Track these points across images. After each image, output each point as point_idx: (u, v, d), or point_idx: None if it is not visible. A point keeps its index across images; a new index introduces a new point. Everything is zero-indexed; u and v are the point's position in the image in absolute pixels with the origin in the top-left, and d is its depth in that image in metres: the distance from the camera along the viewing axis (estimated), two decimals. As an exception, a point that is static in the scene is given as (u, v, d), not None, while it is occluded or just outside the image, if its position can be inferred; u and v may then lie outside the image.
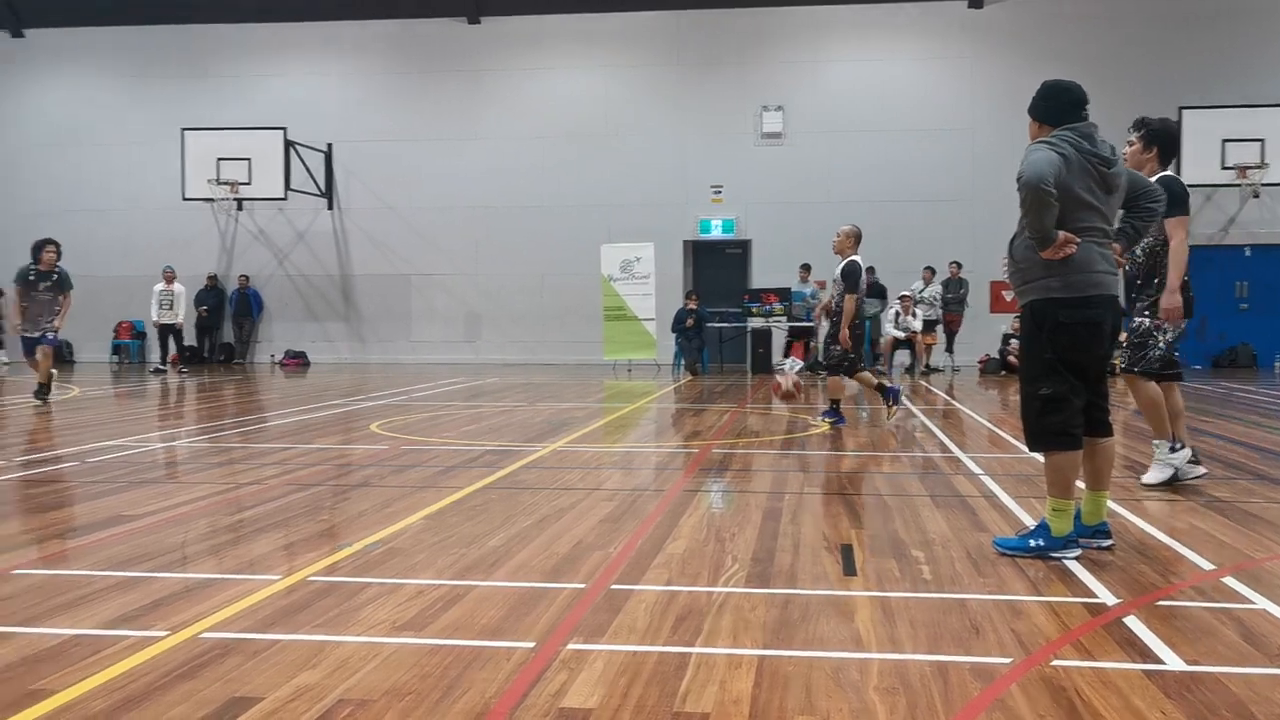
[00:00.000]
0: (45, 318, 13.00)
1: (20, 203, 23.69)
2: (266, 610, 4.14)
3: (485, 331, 23.28)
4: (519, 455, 8.55)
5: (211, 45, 23.61)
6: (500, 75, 23.11)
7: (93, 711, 3.10)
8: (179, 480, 7.65)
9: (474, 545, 5.27)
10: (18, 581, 4.59)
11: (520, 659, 3.58)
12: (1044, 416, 4.95)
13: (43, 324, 12.96)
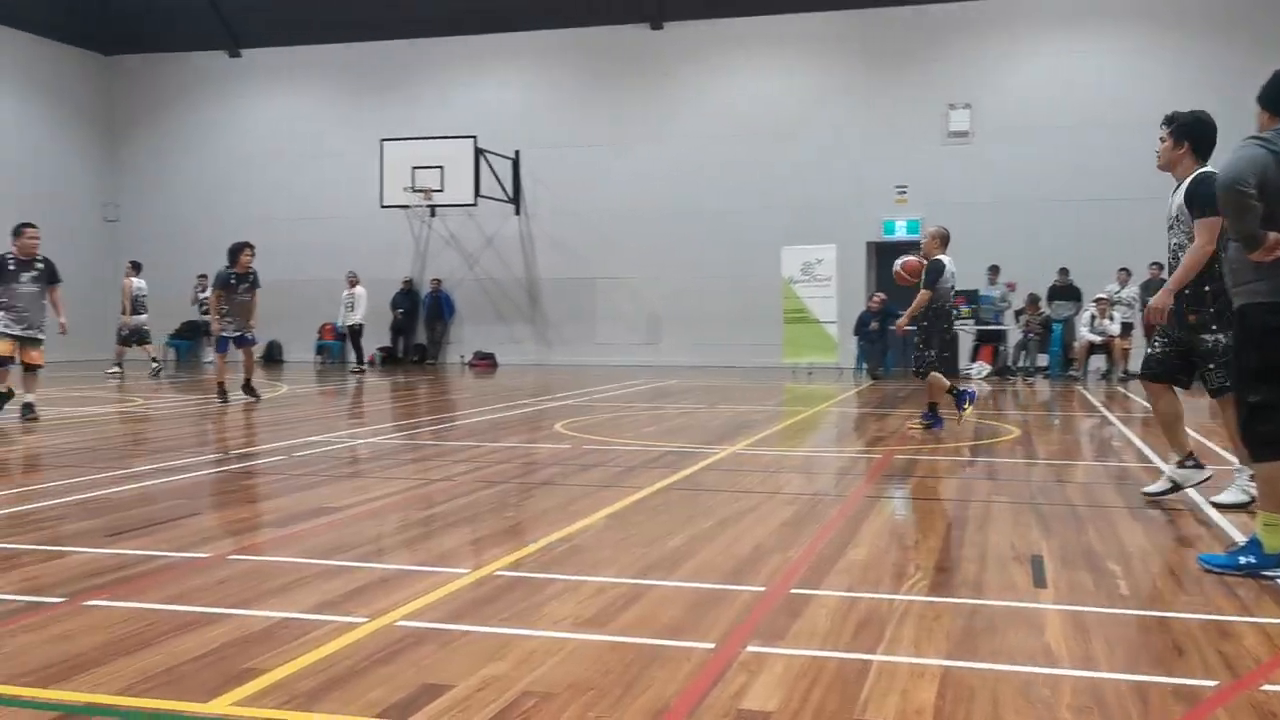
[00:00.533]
0: (245, 318, 13.65)
1: (235, 211, 25.26)
2: (456, 602, 4.30)
3: (667, 334, 23.47)
4: (699, 457, 8.59)
5: (409, 59, 24.63)
6: (682, 79, 23.28)
7: (299, 690, 3.29)
8: (376, 475, 8.02)
9: (654, 545, 5.34)
10: (233, 567, 4.91)
11: (700, 659, 3.61)
12: (1254, 425, 4.67)
13: (242, 324, 13.61)
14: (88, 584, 4.54)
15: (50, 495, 6.79)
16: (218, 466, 8.23)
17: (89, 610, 4.15)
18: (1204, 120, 6.33)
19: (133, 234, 26.32)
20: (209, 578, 4.69)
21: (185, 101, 26.06)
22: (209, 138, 25.88)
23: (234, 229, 24.97)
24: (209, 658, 3.58)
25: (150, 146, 26.41)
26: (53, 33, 24.77)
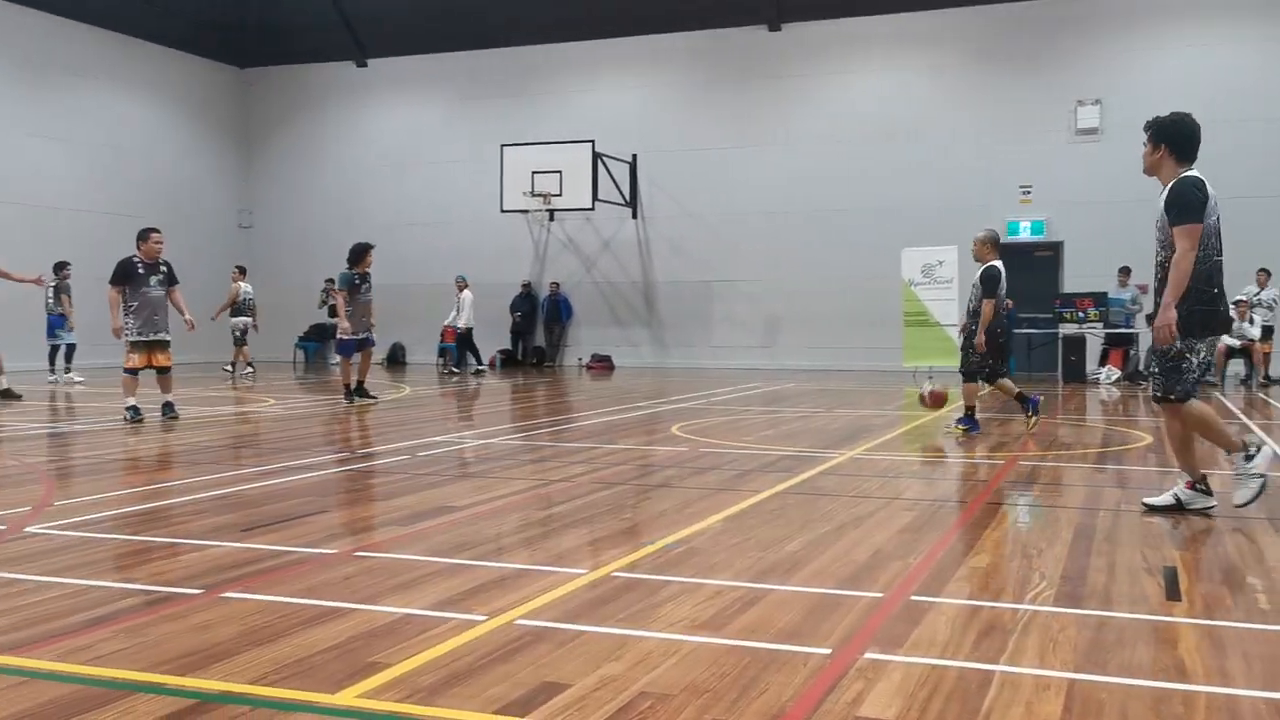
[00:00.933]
0: (367, 319, 13.90)
1: (363, 217, 25.97)
2: (574, 602, 4.35)
3: (784, 337, 23.32)
4: (816, 461, 8.52)
5: (529, 65, 24.99)
6: (801, 80, 23.12)
7: (421, 685, 3.37)
8: (496, 475, 8.15)
9: (771, 549, 5.31)
10: (359, 563, 5.05)
11: (816, 664, 3.58)
12: None
13: (365, 325, 13.86)
14: (223, 577, 4.73)
15: (189, 491, 7.08)
16: (344, 465, 8.47)
17: (225, 602, 4.32)
18: (1182, 122, 6.16)
19: (264, 240, 27.31)
20: (336, 573, 4.83)
21: (314, 111, 26.92)
22: (336, 146, 26.67)
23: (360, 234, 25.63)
24: (336, 650, 3.70)
25: (281, 155, 27.35)
26: (194, 48, 25.84)
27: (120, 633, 3.90)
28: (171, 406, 11.68)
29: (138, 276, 11.47)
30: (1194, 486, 6.26)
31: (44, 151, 22.17)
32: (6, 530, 5.76)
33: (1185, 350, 6.03)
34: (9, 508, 6.59)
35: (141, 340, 11.48)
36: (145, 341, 11.51)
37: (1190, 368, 6.05)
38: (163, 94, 25.22)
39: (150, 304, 11.52)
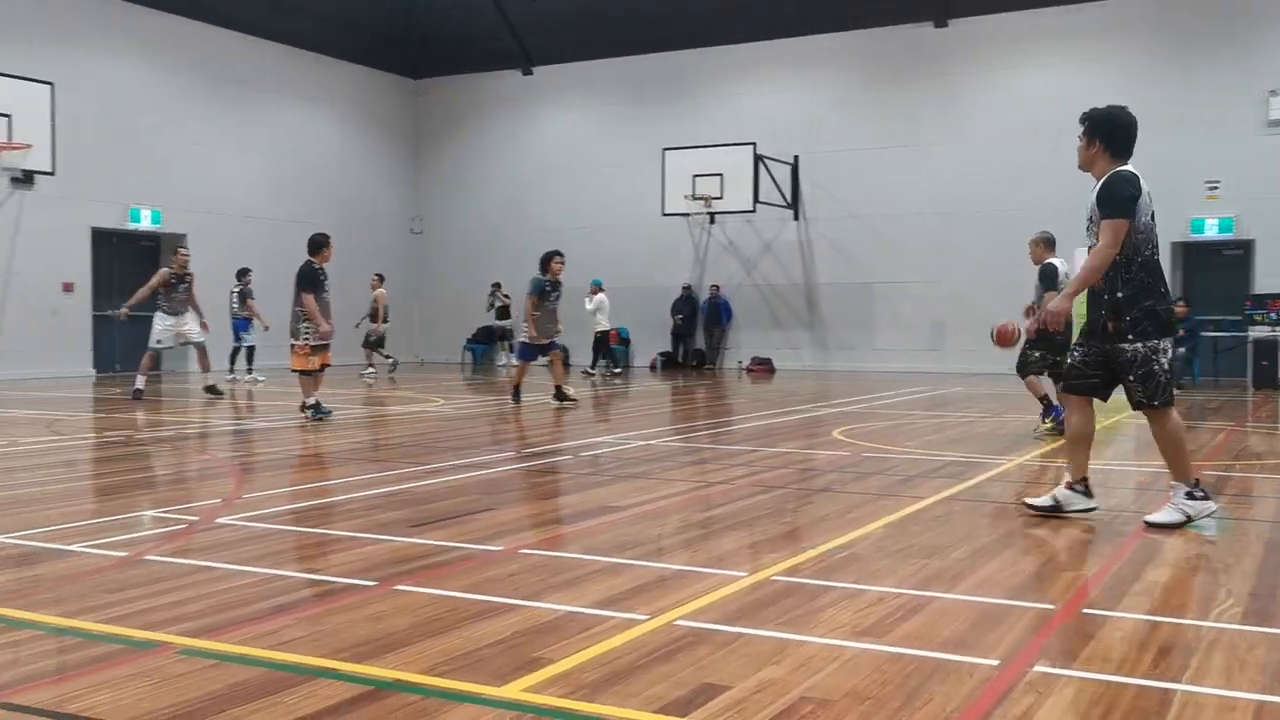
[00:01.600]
0: (555, 325, 14.01)
1: (526, 222, 26.60)
2: (734, 604, 4.35)
3: (950, 339, 22.76)
4: (984, 467, 8.29)
5: (690, 69, 25.11)
6: (967, 77, 22.54)
7: (584, 682, 3.43)
8: (657, 476, 8.22)
9: (936, 556, 5.20)
10: (524, 560, 5.17)
11: (983, 676, 3.49)
12: None
13: (552, 330, 13.95)
14: (396, 570, 4.91)
15: (363, 487, 7.38)
16: (508, 465, 8.68)
17: (398, 594, 4.48)
18: (1117, 116, 5.96)
19: (434, 246, 28.22)
20: (502, 569, 4.96)
21: (482, 119, 27.67)
22: (503, 153, 27.35)
23: (525, 240, 26.41)
24: (502, 645, 3.80)
25: (450, 163, 28.21)
26: (369, 60, 26.94)
27: (301, 620, 4.10)
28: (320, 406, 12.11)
29: (319, 282, 12.06)
30: (1073, 487, 6.15)
31: (235, 163, 23.45)
32: (200, 521, 6.12)
33: (1151, 355, 5.82)
34: (202, 500, 7.00)
35: (321, 344, 12.01)
36: (323, 345, 12.05)
37: (1162, 371, 5.83)
38: (341, 106, 26.35)
39: (326, 308, 12.09)
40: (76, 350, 20.45)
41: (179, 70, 22.37)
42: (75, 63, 19.98)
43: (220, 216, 22.92)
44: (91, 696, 3.27)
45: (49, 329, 19.84)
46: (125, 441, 10.25)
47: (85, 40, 20.52)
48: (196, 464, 9.13)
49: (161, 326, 15.05)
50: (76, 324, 20.46)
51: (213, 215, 22.79)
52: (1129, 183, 5.78)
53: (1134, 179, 5.80)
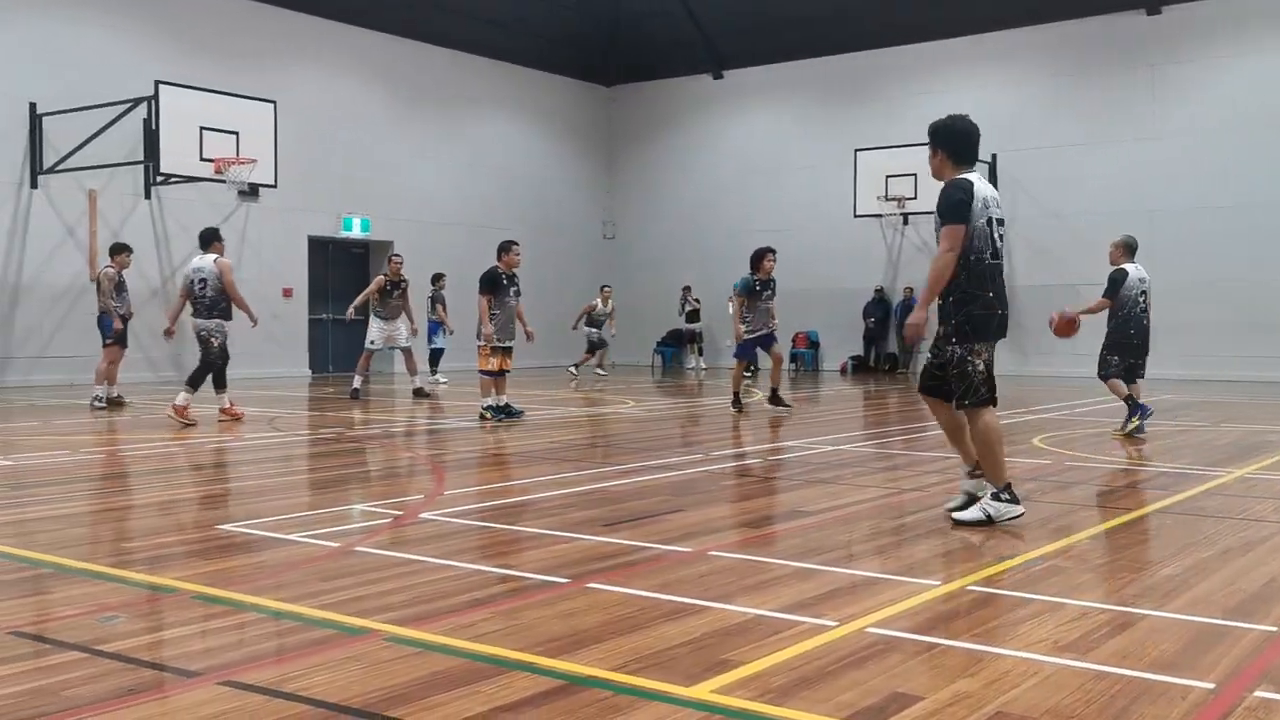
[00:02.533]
0: (771, 321, 13.50)
1: (717, 225, 26.68)
2: (927, 613, 4.26)
3: (1159, 345, 21.49)
4: (1198, 479, 7.84)
5: (883, 68, 24.67)
6: (1180, 68, 21.32)
7: (772, 685, 3.43)
8: (847, 482, 8.12)
9: (1145, 571, 4.95)
10: (714, 562, 5.20)
11: (1197, 699, 3.31)
12: None
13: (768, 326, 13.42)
14: (589, 568, 5.02)
15: (556, 486, 7.57)
16: (699, 467, 8.74)
17: (590, 592, 4.59)
18: (956, 125, 6.11)
19: (626, 250, 28.63)
20: (692, 570, 5.01)
21: (673, 124, 27.92)
22: (692, 156, 27.51)
23: (716, 242, 26.53)
24: (691, 645, 3.83)
25: (642, 168, 28.58)
26: (565, 70, 27.59)
27: (498, 614, 4.25)
28: (510, 407, 12.42)
29: (501, 286, 12.32)
30: (974, 474, 6.20)
31: (437, 172, 24.41)
32: (404, 516, 6.41)
33: (967, 355, 5.99)
34: (407, 496, 7.33)
35: (500, 346, 12.32)
36: (502, 347, 12.31)
37: (976, 372, 5.98)
38: (538, 115, 27.07)
39: (508, 312, 12.34)
40: (294, 352, 21.72)
41: (385, 85, 23.47)
42: (293, 81, 21.23)
43: (424, 224, 23.90)
44: (308, 678, 3.48)
45: (270, 332, 21.16)
46: (337, 438, 10.83)
47: (302, 60, 21.78)
48: (401, 461, 9.57)
49: (375, 329, 15.79)
50: (294, 327, 21.74)
51: (417, 223, 23.80)
52: (961, 189, 5.94)
53: (967, 185, 5.95)
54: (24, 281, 17.90)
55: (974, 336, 6.00)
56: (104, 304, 14.13)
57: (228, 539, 5.71)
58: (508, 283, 12.40)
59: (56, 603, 4.50)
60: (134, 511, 6.98)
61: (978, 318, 5.98)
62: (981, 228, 5.93)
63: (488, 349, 12.27)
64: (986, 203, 5.98)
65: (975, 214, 5.91)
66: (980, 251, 5.94)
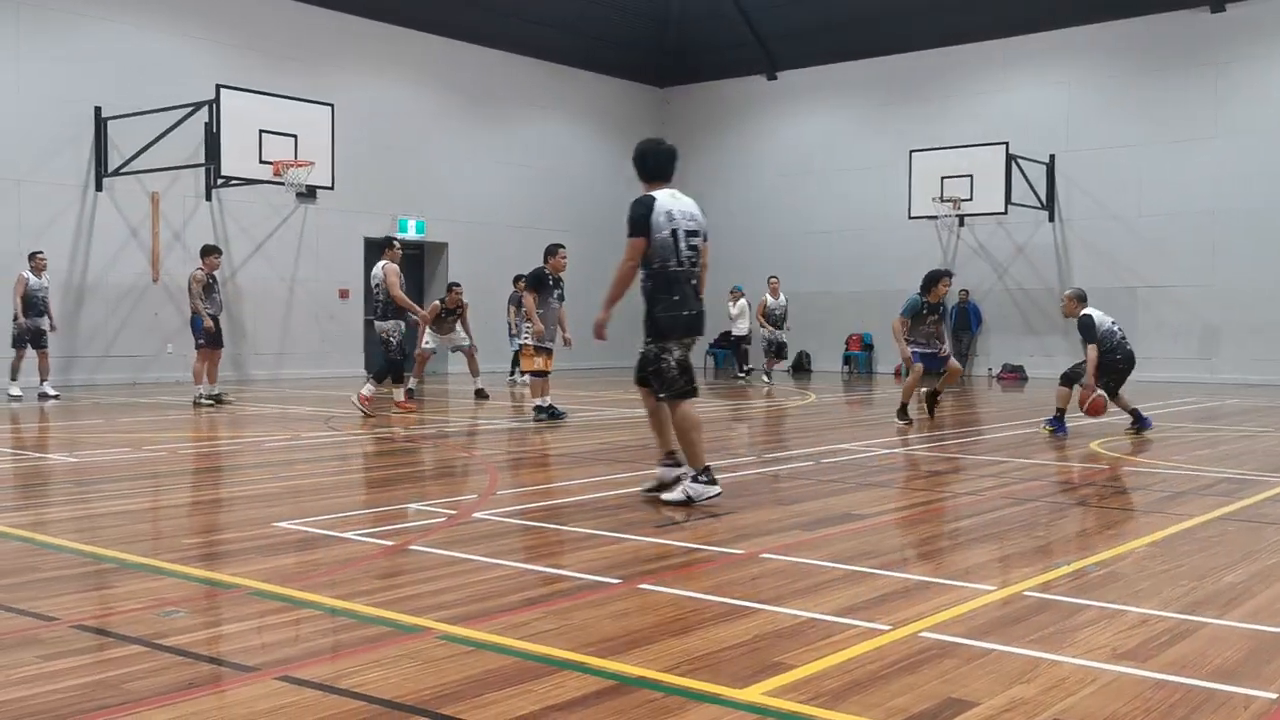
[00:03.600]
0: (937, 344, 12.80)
1: (770, 226, 26.60)
2: (982, 618, 4.21)
3: (1223, 347, 21.16)
4: (1263, 486, 7.67)
5: (938, 68, 24.43)
6: (1245, 65, 20.88)
7: (824, 689, 3.41)
8: (901, 485, 8.05)
9: (1207, 579, 4.86)
10: (765, 564, 5.19)
11: (1260, 709, 3.24)
12: None
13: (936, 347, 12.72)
14: (640, 569, 5.03)
15: (609, 487, 7.59)
16: (751, 469, 8.71)
17: (641, 593, 4.59)
18: (640, 148, 6.93)
19: (679, 251, 28.56)
20: (743, 573, 4.99)
21: (726, 125, 27.85)
22: (746, 158, 27.43)
23: (770, 245, 26.43)
24: (743, 647, 3.82)
25: (695, 169, 28.47)
26: (618, 72, 27.63)
27: (550, 614, 4.26)
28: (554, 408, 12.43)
29: (546, 288, 12.39)
30: (699, 477, 6.62)
31: (491, 174, 24.56)
32: (457, 515, 6.46)
33: (660, 353, 6.68)
34: (460, 495, 7.39)
35: (542, 346, 12.34)
36: (545, 348, 12.35)
37: (669, 368, 6.64)
38: (591, 116, 27.14)
39: (551, 314, 12.40)
40: (349, 352, 21.96)
41: (440, 88, 23.67)
42: (350, 84, 21.48)
43: (478, 226, 24.07)
44: (362, 674, 3.52)
45: (326, 332, 21.42)
46: (392, 438, 10.94)
47: (358, 63, 22.03)
48: (455, 461, 9.64)
49: (430, 334, 15.80)
50: (350, 328, 21.99)
51: (471, 225, 23.97)
52: (642, 205, 6.64)
53: (648, 201, 6.63)
54: (89, 282, 18.28)
55: (664, 336, 6.70)
56: (193, 305, 14.48)
57: (284, 536, 5.79)
58: (553, 285, 12.46)
59: (118, 597, 4.59)
60: (193, 508, 7.10)
61: (665, 319, 6.68)
62: (665, 239, 6.59)
63: (532, 349, 12.33)
64: (671, 216, 6.64)
65: (657, 227, 6.58)
66: (665, 261, 6.62)
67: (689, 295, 6.69)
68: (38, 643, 3.85)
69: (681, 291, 6.65)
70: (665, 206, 6.63)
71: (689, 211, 6.77)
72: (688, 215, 6.74)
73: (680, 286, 6.64)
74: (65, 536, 5.78)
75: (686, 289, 6.67)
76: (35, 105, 17.68)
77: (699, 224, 6.78)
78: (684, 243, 6.62)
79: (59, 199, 17.97)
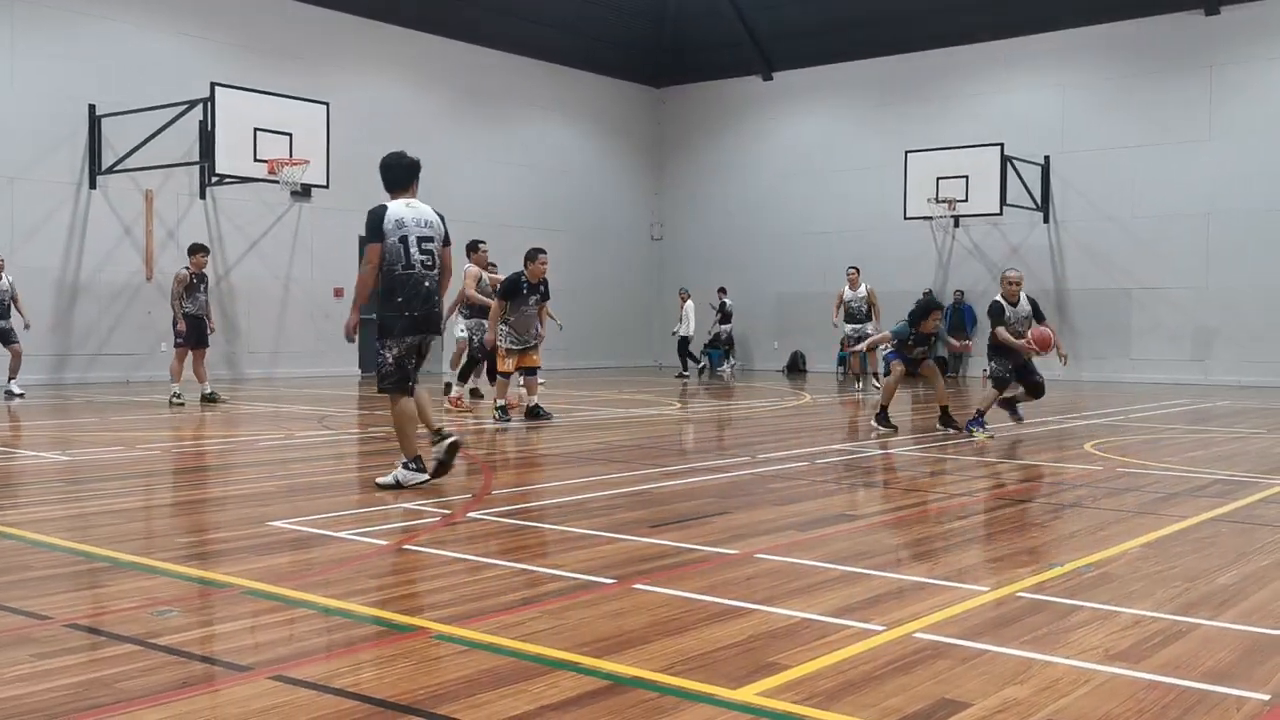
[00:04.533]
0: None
1: (766, 227, 26.63)
2: (975, 619, 4.22)
3: (1217, 350, 21.21)
4: (1255, 487, 7.69)
5: (935, 69, 24.46)
6: (1239, 67, 20.94)
7: (819, 689, 3.41)
8: (896, 486, 8.06)
9: (1199, 580, 4.87)
10: (760, 565, 5.19)
11: (1252, 710, 3.25)
12: None
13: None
14: (634, 569, 5.03)
15: (603, 487, 7.59)
16: (745, 469, 8.71)
17: (635, 593, 4.59)
18: (385, 161, 7.44)
19: (674, 252, 28.64)
20: (738, 573, 4.99)
21: (723, 125, 27.86)
22: (742, 158, 27.44)
23: (764, 245, 26.47)
24: (737, 648, 3.83)
25: (690, 169, 28.56)
26: (615, 72, 27.63)
27: (545, 614, 4.26)
28: (540, 409, 12.41)
29: (520, 295, 12.12)
30: (409, 465, 7.14)
31: (488, 174, 24.55)
32: (452, 515, 6.46)
33: (380, 349, 7.16)
34: (454, 495, 7.38)
35: (515, 348, 12.20)
36: (519, 349, 12.21)
37: (385, 363, 7.14)
38: (588, 116, 27.14)
39: (524, 318, 12.17)
40: (344, 351, 21.93)
41: (436, 87, 23.65)
42: (346, 83, 21.46)
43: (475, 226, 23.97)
44: (356, 674, 3.52)
45: (321, 331, 21.39)
46: (386, 437, 10.92)
47: (355, 62, 22.01)
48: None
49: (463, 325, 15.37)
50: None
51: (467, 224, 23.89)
52: (373, 214, 7.16)
53: (380, 210, 7.14)
54: (82, 280, 18.25)
55: (384, 334, 7.13)
56: (171, 304, 14.35)
57: (278, 535, 5.78)
58: (528, 291, 12.18)
59: (111, 596, 4.59)
60: (187, 507, 7.09)
61: (388, 318, 7.12)
62: (394, 244, 7.03)
63: (503, 351, 12.30)
64: (401, 223, 7.09)
65: (388, 233, 7.04)
66: (392, 264, 7.04)
67: (415, 297, 7.09)
68: (30, 641, 3.84)
69: (406, 294, 7.08)
70: (396, 214, 7.12)
71: (422, 218, 7.20)
72: (420, 222, 7.17)
73: (407, 289, 7.07)
74: (58, 535, 5.77)
75: (414, 291, 7.08)
76: (29, 102, 17.64)
77: (434, 230, 7.21)
78: (415, 248, 7.08)
79: (53, 196, 17.94)
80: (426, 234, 7.17)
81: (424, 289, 7.13)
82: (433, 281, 7.20)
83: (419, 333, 7.18)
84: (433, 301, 7.23)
